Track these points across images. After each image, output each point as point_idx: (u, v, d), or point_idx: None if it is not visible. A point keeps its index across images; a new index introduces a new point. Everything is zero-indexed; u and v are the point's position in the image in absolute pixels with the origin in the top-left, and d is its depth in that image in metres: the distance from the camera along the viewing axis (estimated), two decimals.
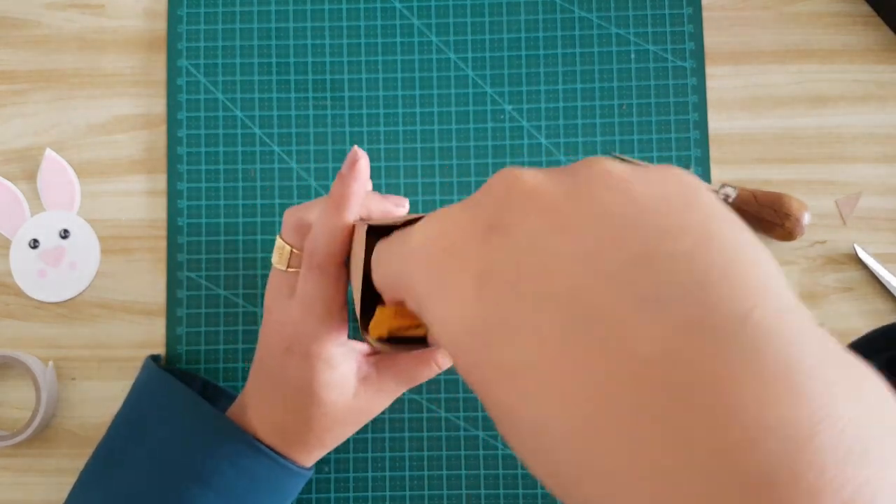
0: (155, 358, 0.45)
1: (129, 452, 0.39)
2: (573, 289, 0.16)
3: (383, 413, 0.46)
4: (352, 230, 0.33)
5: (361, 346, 0.37)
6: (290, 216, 0.36)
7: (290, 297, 0.35)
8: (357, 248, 0.31)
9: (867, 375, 0.16)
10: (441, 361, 0.37)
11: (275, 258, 0.36)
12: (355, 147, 0.34)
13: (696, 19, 0.49)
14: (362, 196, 0.33)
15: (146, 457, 0.38)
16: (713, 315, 0.15)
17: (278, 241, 0.36)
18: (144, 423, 0.40)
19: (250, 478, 0.37)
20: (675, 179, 0.18)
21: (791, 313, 0.16)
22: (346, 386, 0.36)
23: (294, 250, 0.35)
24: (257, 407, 0.38)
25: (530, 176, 0.19)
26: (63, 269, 0.48)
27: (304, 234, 0.35)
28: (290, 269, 0.36)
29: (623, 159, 0.48)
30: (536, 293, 0.17)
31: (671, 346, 0.15)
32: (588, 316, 0.16)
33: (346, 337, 0.36)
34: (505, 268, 0.17)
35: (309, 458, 0.39)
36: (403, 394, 0.46)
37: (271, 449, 0.37)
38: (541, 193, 0.18)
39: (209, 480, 0.36)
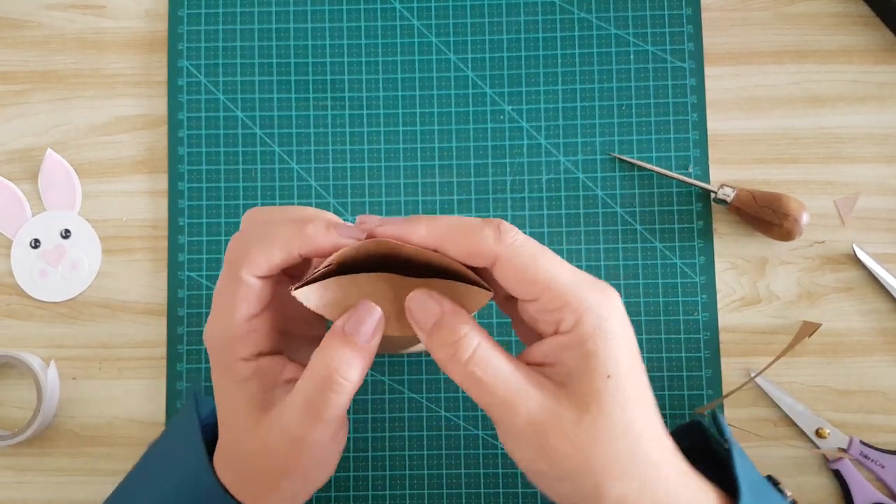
0: (196, 389, 0.42)
1: (141, 494, 0.38)
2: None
3: (383, 412, 0.46)
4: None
5: (273, 364, 0.34)
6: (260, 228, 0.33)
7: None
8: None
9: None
10: (328, 350, 0.31)
11: None
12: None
13: (695, 20, 0.49)
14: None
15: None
16: None
17: None
18: (159, 463, 0.38)
19: None
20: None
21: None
22: (250, 407, 0.33)
23: None
24: (219, 447, 0.36)
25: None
26: (64, 269, 0.48)
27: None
28: None
29: (622, 160, 0.48)
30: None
31: None
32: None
33: (255, 349, 0.33)
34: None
35: None
36: (403, 393, 0.47)
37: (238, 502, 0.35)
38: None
39: None
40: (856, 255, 0.47)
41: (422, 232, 0.30)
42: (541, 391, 0.29)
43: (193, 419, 0.36)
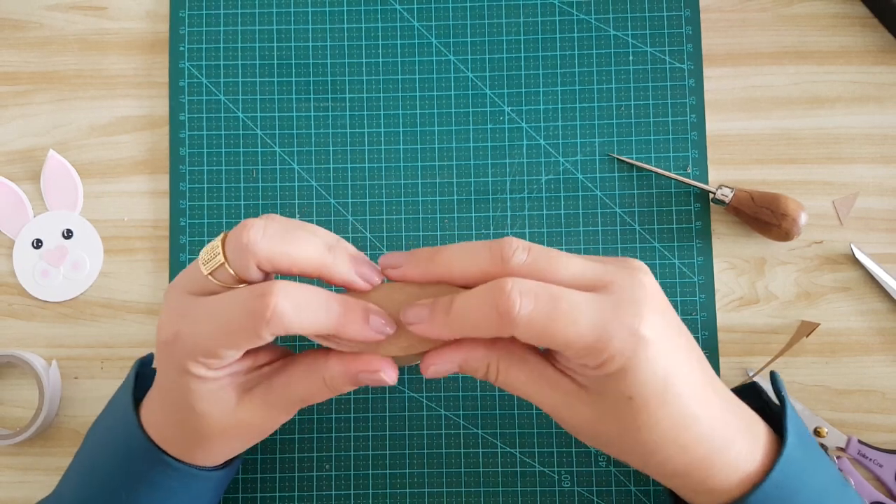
0: (146, 360, 0.43)
1: (80, 456, 0.40)
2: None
3: (384, 411, 0.47)
4: None
5: (244, 362, 0.35)
6: (270, 249, 0.32)
7: (195, 298, 0.33)
8: None
9: None
10: (333, 380, 0.34)
11: (203, 257, 0.33)
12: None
13: (694, 21, 0.49)
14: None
15: (86, 469, 0.39)
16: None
17: (216, 246, 0.33)
18: (97, 427, 0.40)
19: (164, 491, 0.37)
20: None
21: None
22: (225, 399, 0.34)
23: (229, 268, 0.32)
24: (154, 416, 0.37)
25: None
26: (66, 269, 0.49)
27: (252, 268, 0.32)
28: (209, 276, 0.33)
29: (621, 160, 0.48)
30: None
31: None
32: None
33: (227, 363, 0.34)
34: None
35: (211, 462, 0.38)
36: (403, 392, 0.47)
37: (175, 458, 0.36)
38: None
39: (125, 499, 0.37)
40: (854, 256, 0.47)
41: (446, 330, 0.32)
42: (563, 394, 0.33)
43: (129, 386, 0.39)
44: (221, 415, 0.35)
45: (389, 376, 0.33)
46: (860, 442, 0.46)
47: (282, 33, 0.50)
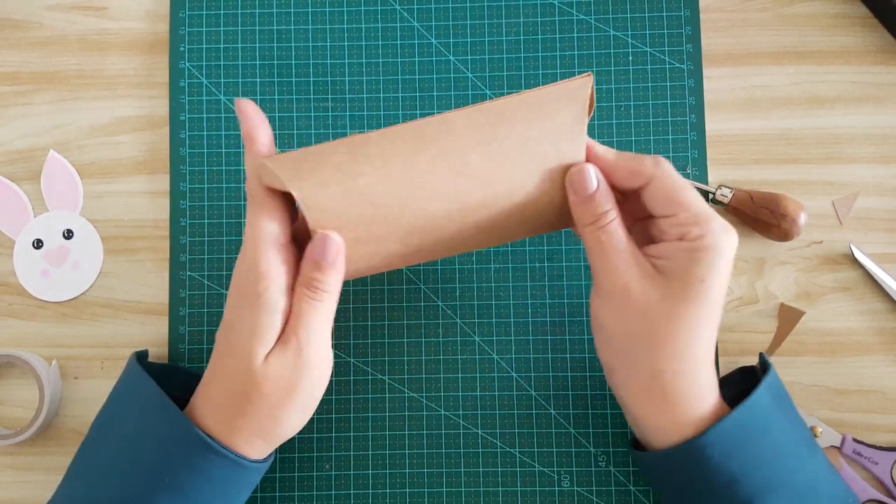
0: (141, 354, 0.44)
1: (100, 452, 0.40)
2: None
3: (383, 411, 0.47)
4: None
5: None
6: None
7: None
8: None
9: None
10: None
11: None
12: (237, 102, 0.38)
13: (694, 21, 0.49)
14: (263, 128, 0.38)
15: (112, 459, 0.39)
16: None
17: None
18: (114, 421, 0.40)
19: (203, 476, 0.37)
20: None
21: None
22: (272, 337, 0.37)
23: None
24: (205, 390, 0.38)
25: None
26: (66, 269, 0.49)
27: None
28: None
29: None
30: None
31: None
32: None
33: (285, 283, 0.37)
34: None
35: (255, 448, 0.38)
36: (403, 392, 0.47)
37: (220, 443, 0.37)
38: None
39: (168, 484, 0.37)
40: (853, 256, 0.47)
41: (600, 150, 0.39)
42: (642, 270, 0.37)
43: (146, 381, 0.39)
44: (272, 365, 0.36)
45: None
46: (855, 440, 0.46)
47: (282, 33, 0.50)
